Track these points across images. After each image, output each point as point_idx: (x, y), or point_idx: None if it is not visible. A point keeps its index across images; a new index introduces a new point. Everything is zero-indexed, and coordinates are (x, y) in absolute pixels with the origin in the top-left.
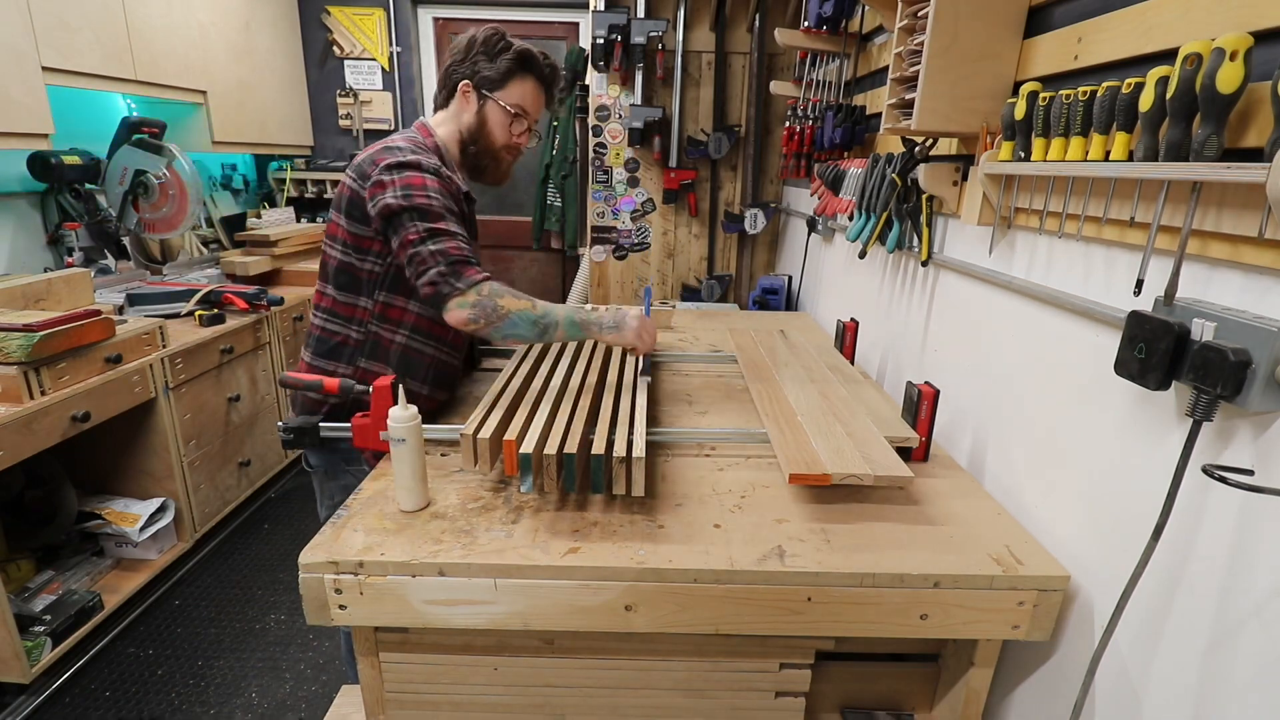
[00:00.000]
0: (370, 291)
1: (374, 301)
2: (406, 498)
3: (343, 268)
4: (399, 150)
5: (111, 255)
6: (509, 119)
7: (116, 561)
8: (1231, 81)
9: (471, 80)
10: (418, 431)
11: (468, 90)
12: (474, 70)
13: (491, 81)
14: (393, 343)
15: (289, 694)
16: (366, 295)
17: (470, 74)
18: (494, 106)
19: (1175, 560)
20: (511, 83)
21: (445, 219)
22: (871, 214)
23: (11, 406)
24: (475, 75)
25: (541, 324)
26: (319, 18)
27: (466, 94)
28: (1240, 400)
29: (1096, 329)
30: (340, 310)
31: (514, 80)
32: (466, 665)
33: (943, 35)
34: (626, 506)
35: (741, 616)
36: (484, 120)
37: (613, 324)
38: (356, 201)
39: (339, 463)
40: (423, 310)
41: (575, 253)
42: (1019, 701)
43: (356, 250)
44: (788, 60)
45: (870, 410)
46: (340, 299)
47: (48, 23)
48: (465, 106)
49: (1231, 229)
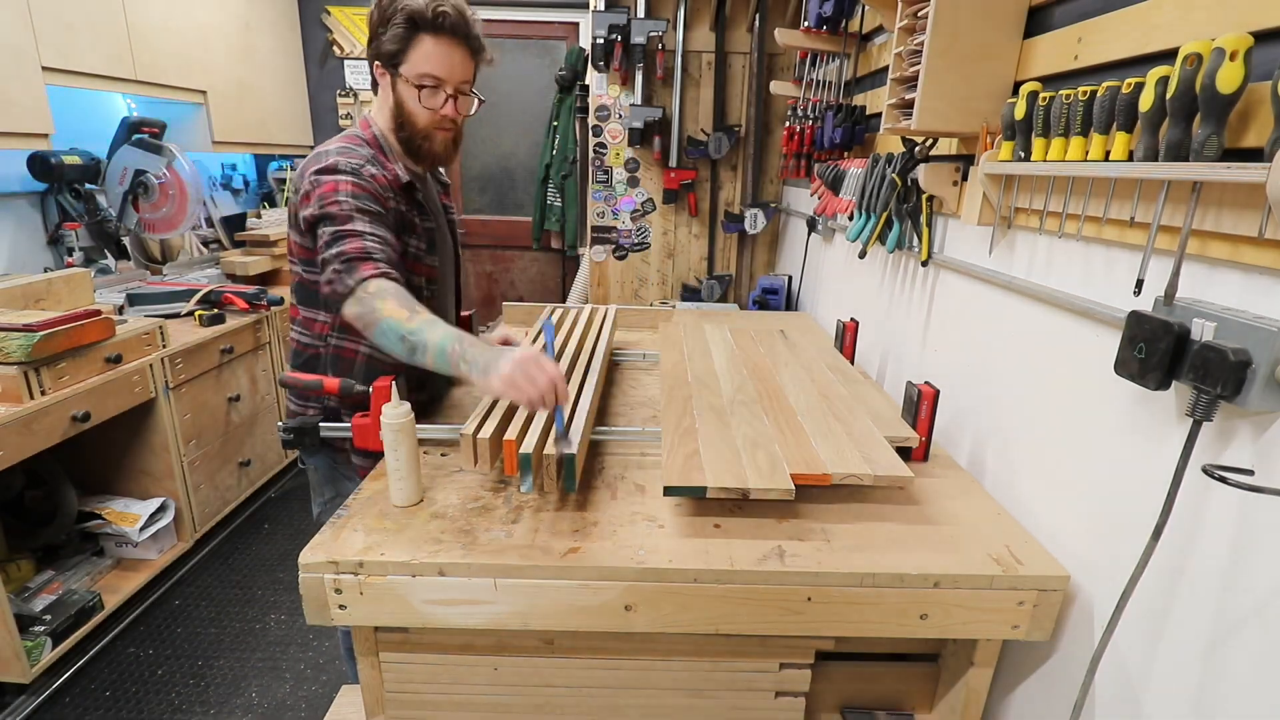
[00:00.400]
0: (326, 305)
1: (331, 314)
2: (399, 493)
3: (300, 282)
4: (325, 155)
5: (111, 255)
6: (417, 92)
7: (116, 561)
8: (1231, 81)
9: (380, 60)
10: (411, 428)
11: (381, 72)
12: (379, 48)
13: (393, 55)
14: (356, 353)
15: (289, 694)
16: (323, 308)
17: (375, 53)
18: (402, 83)
19: (1175, 560)
20: (410, 51)
21: (352, 220)
22: (871, 214)
23: (11, 406)
24: (380, 53)
25: (409, 341)
26: (319, 18)
27: (381, 76)
28: (1240, 400)
29: (1096, 329)
30: (305, 325)
31: (412, 47)
32: (466, 665)
33: (943, 35)
34: (627, 506)
35: (741, 616)
36: (400, 101)
37: (481, 367)
38: (295, 214)
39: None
40: None
41: (575, 253)
42: (1019, 701)
43: (306, 264)
44: (788, 60)
45: (870, 410)
46: (304, 313)
47: (48, 23)
48: (384, 90)
49: (1231, 229)
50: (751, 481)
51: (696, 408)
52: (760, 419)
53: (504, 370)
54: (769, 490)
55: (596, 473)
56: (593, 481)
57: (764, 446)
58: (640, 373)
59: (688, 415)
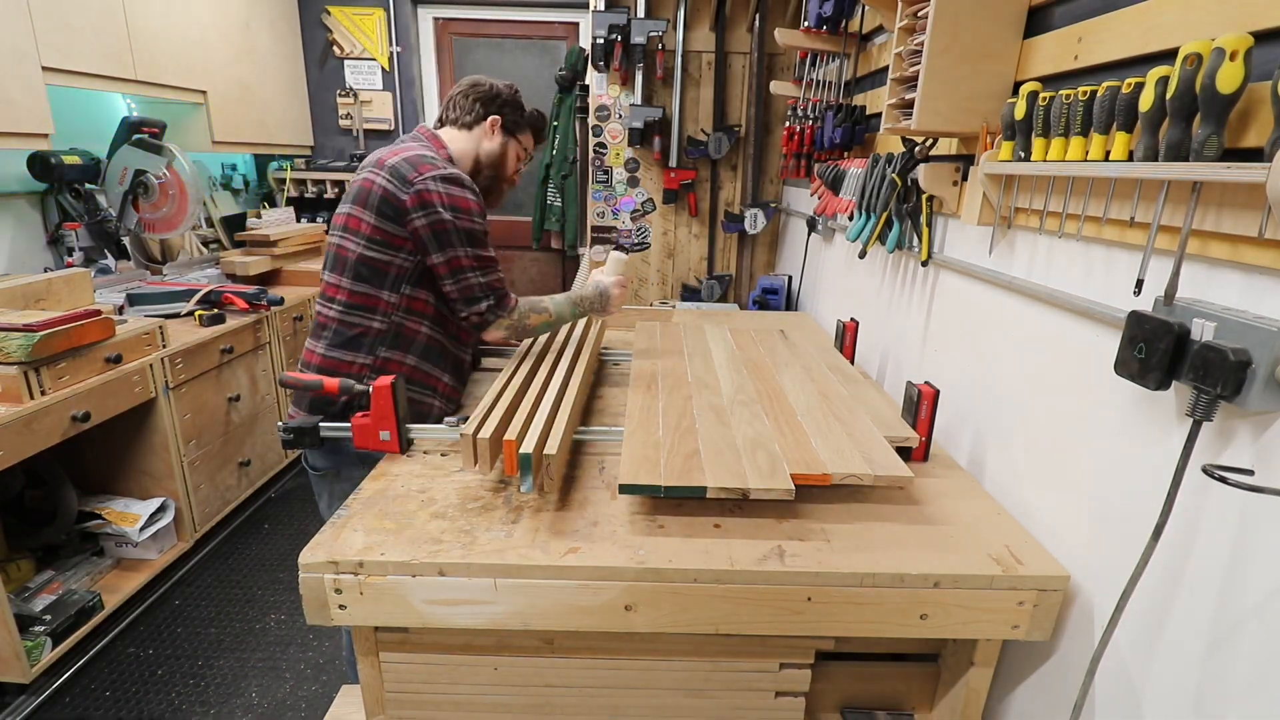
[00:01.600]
0: (396, 285)
1: (399, 295)
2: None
3: (366, 261)
4: (435, 161)
5: (111, 255)
6: (519, 158)
7: (116, 561)
8: (1231, 81)
9: (501, 118)
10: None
11: (496, 124)
12: (502, 112)
13: (515, 124)
14: (417, 333)
15: (289, 694)
16: (390, 289)
17: (501, 113)
18: (514, 144)
19: (1175, 560)
20: (523, 133)
21: (487, 246)
22: (871, 214)
23: (11, 406)
24: (505, 118)
25: (555, 325)
26: (319, 18)
27: (495, 126)
28: (1240, 400)
29: (1096, 329)
30: (360, 301)
31: (525, 133)
32: (466, 665)
33: (943, 35)
34: (627, 506)
35: (741, 616)
36: (504, 152)
37: (601, 305)
38: (390, 201)
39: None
40: (440, 305)
41: (575, 253)
42: (1019, 701)
43: (386, 246)
44: (788, 60)
45: (870, 410)
46: (359, 290)
47: (48, 23)
48: (490, 136)
49: (1231, 229)
50: (751, 481)
51: (697, 408)
52: (760, 419)
53: (615, 294)
54: (769, 490)
55: (596, 472)
56: (592, 481)
57: (764, 446)
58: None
59: (687, 415)
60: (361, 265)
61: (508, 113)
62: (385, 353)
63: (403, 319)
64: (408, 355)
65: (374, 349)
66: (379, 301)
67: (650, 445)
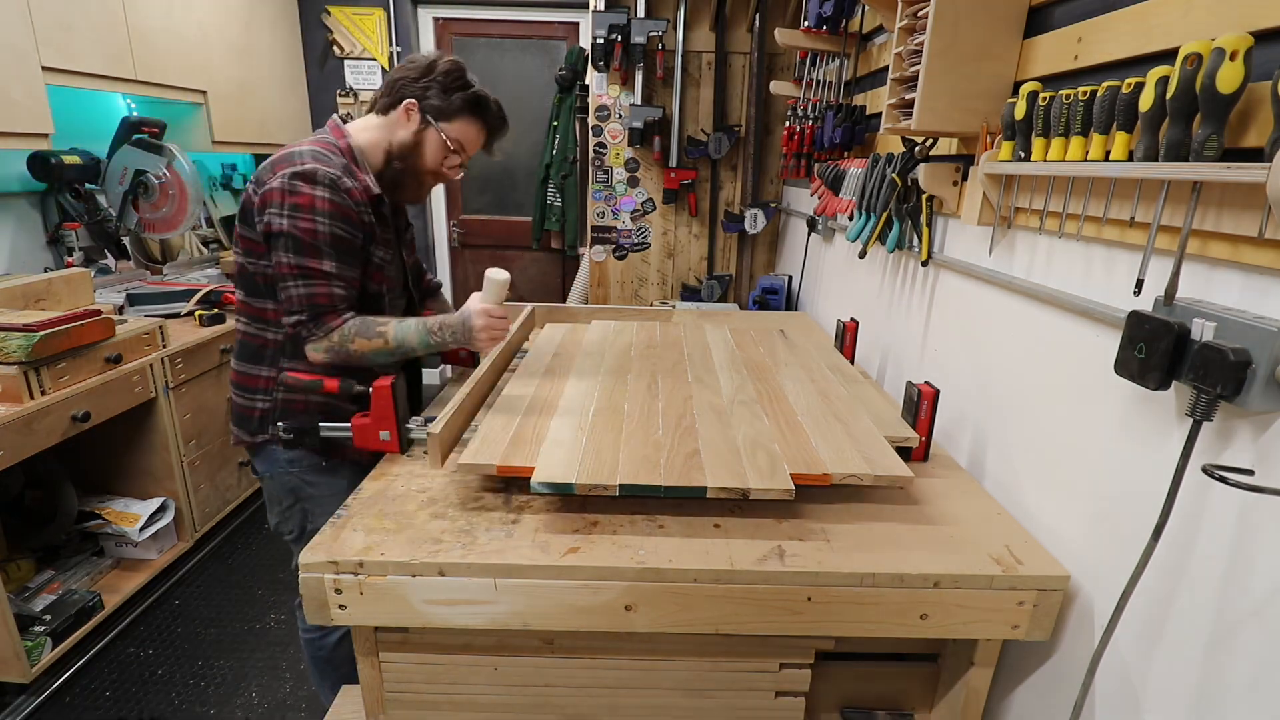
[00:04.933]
0: (274, 294)
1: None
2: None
3: (244, 272)
4: (298, 156)
5: (111, 255)
6: (444, 152)
7: (116, 561)
8: (1231, 81)
9: (419, 102)
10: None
11: (412, 109)
12: (424, 94)
13: (439, 111)
14: None
15: (289, 694)
16: (272, 299)
17: (419, 96)
18: (434, 134)
19: (1175, 560)
20: (458, 120)
21: (320, 254)
22: (871, 214)
23: (11, 406)
24: (424, 99)
25: (398, 354)
26: (319, 18)
27: (410, 112)
28: (1240, 400)
29: (1096, 329)
30: (254, 314)
31: (461, 118)
32: (466, 665)
33: (943, 35)
34: (626, 506)
35: (741, 616)
36: (419, 143)
37: (464, 338)
38: (247, 205)
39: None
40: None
41: (575, 253)
42: (1019, 701)
43: (253, 254)
44: (788, 60)
45: (870, 410)
46: (248, 303)
47: (48, 23)
48: (404, 123)
49: (1231, 229)
50: (751, 481)
51: (697, 408)
52: (760, 419)
53: (481, 337)
54: (769, 490)
55: None
56: None
57: (764, 446)
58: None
59: (688, 415)
60: (243, 277)
61: (431, 96)
62: (287, 364)
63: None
64: (314, 366)
65: (275, 361)
66: (266, 312)
67: (650, 445)
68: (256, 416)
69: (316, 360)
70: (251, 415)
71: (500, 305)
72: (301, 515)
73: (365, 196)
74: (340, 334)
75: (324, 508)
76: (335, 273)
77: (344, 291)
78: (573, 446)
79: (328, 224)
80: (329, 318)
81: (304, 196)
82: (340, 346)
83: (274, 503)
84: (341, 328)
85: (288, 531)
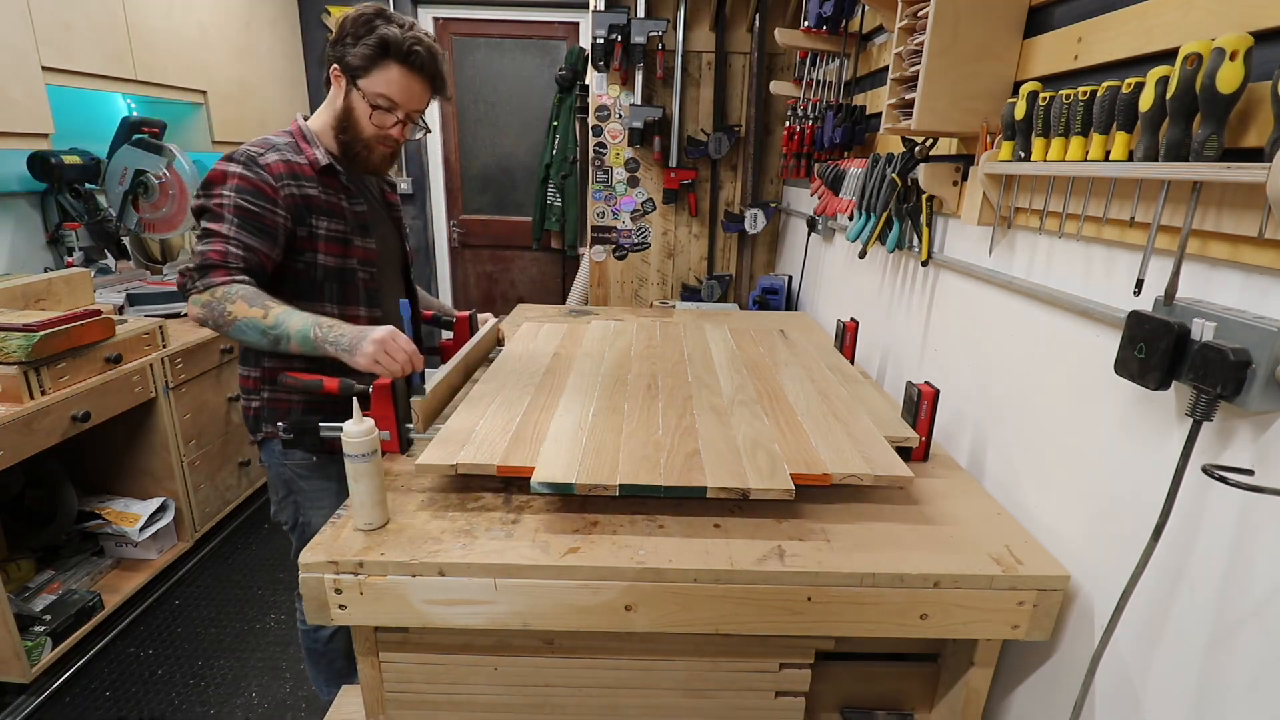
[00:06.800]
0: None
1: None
2: (366, 515)
3: None
4: (246, 146)
5: (111, 255)
6: (370, 110)
7: (116, 561)
8: (1231, 81)
9: (340, 65)
10: (376, 444)
11: (338, 75)
12: (343, 54)
13: (355, 68)
14: None
15: (289, 694)
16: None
17: (339, 57)
18: (357, 95)
19: (1175, 560)
20: (375, 70)
21: (221, 220)
22: (871, 214)
23: (11, 406)
24: (343, 59)
25: (271, 334)
26: (319, 18)
27: (337, 79)
28: (1240, 400)
29: (1096, 329)
30: None
31: (377, 68)
32: (466, 665)
33: (943, 35)
34: (626, 506)
35: (741, 616)
36: (350, 108)
37: (347, 346)
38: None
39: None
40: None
41: (575, 253)
42: (1019, 701)
43: None
44: (788, 60)
45: (870, 410)
46: None
47: (48, 23)
48: (337, 92)
49: (1231, 229)
50: (751, 481)
51: (697, 408)
52: (760, 419)
53: (368, 349)
54: (769, 490)
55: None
56: None
57: (764, 446)
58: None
59: (688, 415)
60: None
61: (348, 55)
62: (269, 363)
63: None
64: (293, 360)
65: (259, 360)
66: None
67: (650, 445)
68: (252, 416)
69: (192, 316)
70: (249, 415)
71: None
72: (294, 508)
73: (313, 170)
74: (223, 291)
75: (314, 502)
76: (232, 235)
77: (240, 254)
78: (573, 446)
79: (233, 196)
80: (216, 273)
81: (216, 174)
82: (219, 304)
83: (273, 492)
84: (226, 287)
85: (284, 521)
